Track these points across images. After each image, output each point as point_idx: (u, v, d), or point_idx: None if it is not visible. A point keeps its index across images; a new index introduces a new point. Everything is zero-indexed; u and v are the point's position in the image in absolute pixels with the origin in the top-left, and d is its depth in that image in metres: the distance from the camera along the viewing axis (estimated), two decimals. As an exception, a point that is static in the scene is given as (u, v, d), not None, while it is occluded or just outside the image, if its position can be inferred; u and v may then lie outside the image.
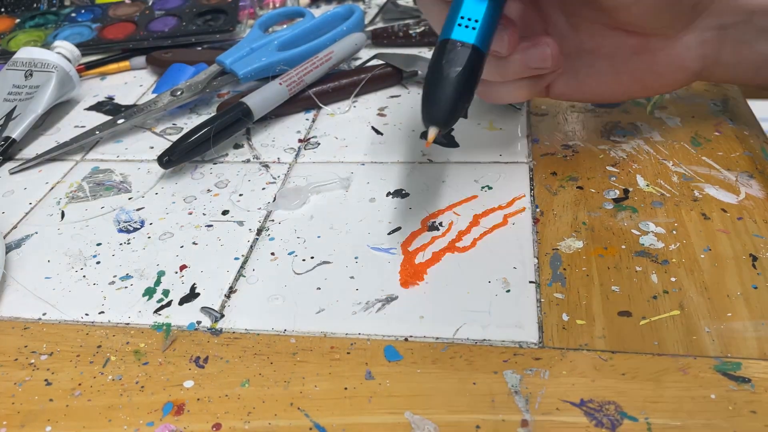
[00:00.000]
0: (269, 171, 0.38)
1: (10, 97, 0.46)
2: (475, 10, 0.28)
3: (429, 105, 0.27)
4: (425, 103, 0.28)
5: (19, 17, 0.65)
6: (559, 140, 0.37)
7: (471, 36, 0.28)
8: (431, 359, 0.25)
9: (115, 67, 0.55)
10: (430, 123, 0.27)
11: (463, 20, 0.28)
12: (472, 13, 0.28)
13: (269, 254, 0.31)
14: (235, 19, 0.59)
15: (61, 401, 0.25)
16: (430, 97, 0.27)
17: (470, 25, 0.28)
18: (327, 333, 0.27)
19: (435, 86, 0.27)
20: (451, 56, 0.27)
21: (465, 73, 0.27)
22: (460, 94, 0.27)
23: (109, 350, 0.27)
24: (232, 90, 0.49)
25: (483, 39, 0.28)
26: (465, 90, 0.27)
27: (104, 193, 0.38)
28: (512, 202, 0.33)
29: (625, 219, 0.31)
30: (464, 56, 0.27)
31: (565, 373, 0.24)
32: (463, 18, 0.28)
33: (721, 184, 0.32)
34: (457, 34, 0.28)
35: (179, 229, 0.34)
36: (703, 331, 0.25)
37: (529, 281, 0.28)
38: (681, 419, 0.22)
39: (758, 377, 0.23)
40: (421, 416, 0.23)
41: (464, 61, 0.27)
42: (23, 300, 0.30)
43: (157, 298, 0.30)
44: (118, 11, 0.64)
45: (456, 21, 0.28)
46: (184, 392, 0.25)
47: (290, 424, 0.23)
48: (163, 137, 0.44)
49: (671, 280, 0.27)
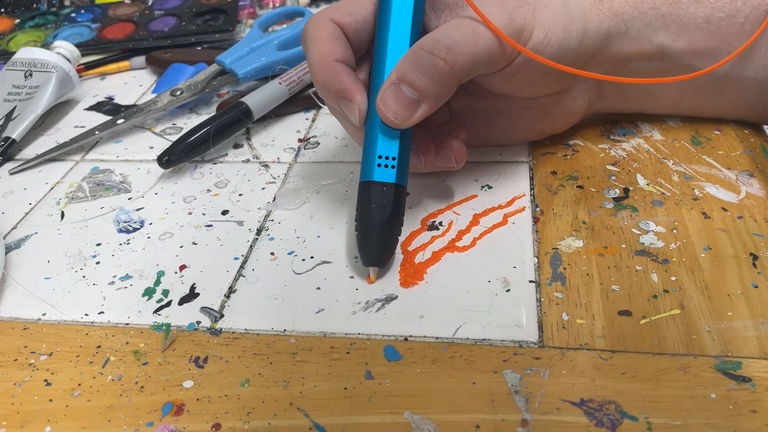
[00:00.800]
0: (269, 171, 0.38)
1: (10, 98, 0.46)
2: (390, 148, 0.29)
3: (367, 250, 0.29)
4: (362, 248, 0.29)
5: (18, 17, 0.65)
6: (559, 139, 0.37)
7: (392, 175, 0.29)
8: (431, 359, 0.25)
9: (115, 67, 0.55)
10: (370, 265, 0.29)
11: (381, 159, 0.29)
12: (389, 151, 0.29)
13: (269, 254, 0.31)
14: (234, 19, 0.59)
15: (60, 401, 0.25)
16: (366, 242, 0.29)
17: (389, 163, 0.29)
18: (327, 333, 0.27)
19: (368, 231, 0.29)
20: (377, 200, 0.29)
21: (393, 215, 0.29)
22: (391, 234, 0.29)
23: (108, 350, 0.27)
24: (231, 90, 0.49)
25: (402, 174, 0.29)
26: (395, 228, 0.29)
27: (104, 193, 0.38)
28: (512, 201, 0.33)
29: (625, 218, 0.31)
30: (389, 198, 0.29)
31: (565, 373, 0.24)
32: (381, 157, 0.29)
33: (721, 182, 0.32)
34: (378, 175, 0.29)
35: (179, 229, 0.34)
36: (703, 331, 0.25)
37: (529, 280, 0.28)
38: (681, 418, 0.22)
39: (758, 376, 0.23)
40: (421, 416, 0.23)
41: (391, 204, 0.29)
42: (23, 300, 0.30)
43: (156, 298, 0.30)
44: (117, 11, 0.64)
45: (375, 162, 0.29)
46: (183, 392, 0.25)
47: (290, 424, 0.23)
48: (162, 137, 0.44)
49: (671, 279, 0.27)
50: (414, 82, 0.28)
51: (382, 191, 0.29)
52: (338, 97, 0.30)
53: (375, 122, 0.29)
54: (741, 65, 0.33)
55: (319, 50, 0.30)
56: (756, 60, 0.33)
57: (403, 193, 0.30)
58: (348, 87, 0.29)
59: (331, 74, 0.29)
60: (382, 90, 0.28)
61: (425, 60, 0.27)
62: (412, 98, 0.28)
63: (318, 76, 0.30)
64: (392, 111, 0.28)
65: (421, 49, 0.28)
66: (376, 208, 0.29)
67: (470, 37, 0.28)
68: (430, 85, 0.28)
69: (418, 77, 0.28)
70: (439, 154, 0.32)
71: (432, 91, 0.28)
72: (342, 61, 0.30)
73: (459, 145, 0.32)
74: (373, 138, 0.29)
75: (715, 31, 0.32)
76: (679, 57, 0.33)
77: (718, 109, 0.36)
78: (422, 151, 0.31)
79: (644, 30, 0.32)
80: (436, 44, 0.27)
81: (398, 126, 0.29)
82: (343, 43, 0.30)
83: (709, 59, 0.33)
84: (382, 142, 0.29)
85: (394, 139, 0.29)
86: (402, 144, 0.29)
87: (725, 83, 0.34)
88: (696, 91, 0.35)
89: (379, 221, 0.28)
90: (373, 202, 0.29)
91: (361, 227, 0.29)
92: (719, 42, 0.32)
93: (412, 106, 0.28)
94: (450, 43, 0.27)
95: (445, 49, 0.27)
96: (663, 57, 0.33)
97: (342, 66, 0.30)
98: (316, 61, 0.30)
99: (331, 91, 0.30)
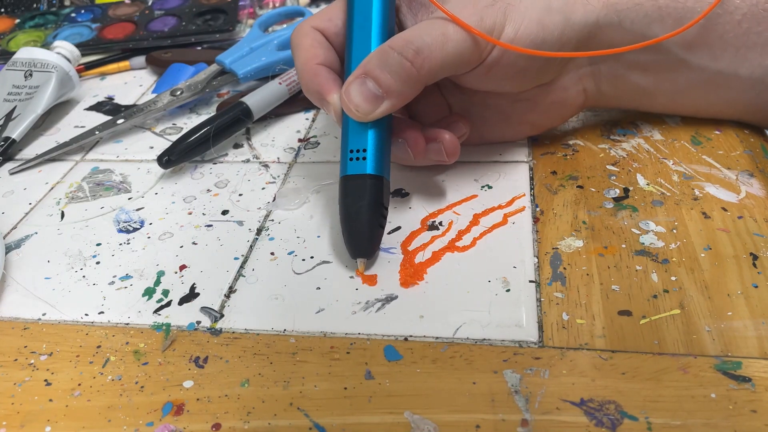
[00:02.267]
0: (269, 171, 0.38)
1: (10, 98, 0.46)
2: (360, 141, 0.30)
3: (350, 243, 0.29)
4: (346, 241, 0.30)
5: (19, 17, 0.65)
6: (559, 139, 0.37)
7: (363, 167, 0.29)
8: (431, 359, 0.25)
9: (115, 67, 0.56)
10: (355, 257, 0.30)
11: (353, 153, 0.30)
12: (359, 144, 0.30)
13: (269, 254, 0.31)
14: (234, 19, 0.59)
15: (60, 401, 0.25)
16: (349, 235, 0.29)
17: (360, 156, 0.30)
18: (327, 333, 0.27)
19: (347, 223, 0.29)
20: (352, 193, 0.29)
21: (370, 206, 0.29)
22: (372, 226, 0.29)
23: (108, 350, 0.27)
24: (231, 90, 0.49)
25: (376, 165, 0.30)
26: (376, 218, 0.29)
27: (104, 193, 0.38)
28: (512, 201, 0.33)
29: (625, 218, 0.31)
30: (363, 189, 0.29)
31: (565, 373, 0.24)
32: (352, 151, 0.30)
33: (721, 182, 0.32)
34: (351, 168, 0.30)
35: (179, 229, 0.34)
36: (703, 330, 0.25)
37: (529, 280, 0.28)
38: (681, 418, 0.22)
39: (758, 376, 0.23)
40: (421, 416, 0.23)
41: (366, 195, 0.29)
42: (23, 300, 0.30)
43: (156, 298, 0.30)
44: (117, 11, 0.64)
45: (347, 156, 0.30)
46: (183, 392, 0.25)
47: (290, 424, 0.23)
48: (162, 137, 0.44)
49: (671, 279, 0.27)
50: (379, 79, 0.28)
51: (356, 184, 0.29)
52: (317, 98, 0.31)
53: (346, 118, 0.30)
54: (736, 63, 0.33)
55: (302, 56, 0.32)
56: (751, 59, 0.33)
57: (379, 184, 0.30)
58: (324, 87, 0.31)
59: (312, 77, 0.31)
60: (347, 83, 0.29)
61: (393, 60, 0.28)
62: (375, 93, 0.29)
63: (302, 80, 0.32)
64: (354, 104, 0.29)
65: (391, 48, 0.29)
66: (351, 200, 0.29)
67: (439, 40, 0.28)
68: (395, 84, 0.28)
69: (384, 75, 0.28)
70: (430, 148, 0.32)
71: (396, 90, 0.29)
72: (323, 64, 0.32)
73: (451, 139, 0.32)
74: (345, 133, 0.30)
75: (712, 26, 0.32)
76: (673, 51, 0.33)
77: (714, 108, 0.36)
78: (410, 145, 0.32)
79: (638, 21, 0.32)
80: (406, 45, 0.28)
81: (361, 119, 0.29)
82: (325, 47, 0.32)
83: (704, 54, 0.33)
84: (353, 136, 0.30)
85: (365, 132, 0.30)
86: (375, 136, 0.30)
87: (720, 81, 0.34)
88: (691, 88, 0.35)
89: (356, 213, 0.29)
90: (348, 196, 0.29)
91: (343, 220, 0.30)
92: (715, 38, 0.32)
93: (374, 101, 0.29)
94: (420, 45, 0.28)
95: (414, 52, 0.28)
96: (656, 50, 0.33)
97: (322, 68, 0.31)
98: (300, 66, 0.32)
99: (312, 92, 0.32)
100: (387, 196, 0.30)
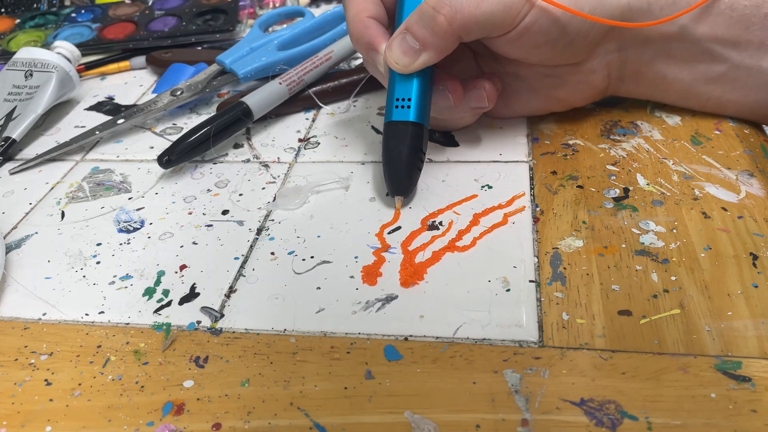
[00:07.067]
0: (269, 171, 0.38)
1: (10, 98, 0.46)
2: (405, 90, 0.33)
3: (390, 181, 0.33)
4: (386, 180, 0.33)
5: (19, 17, 0.65)
6: (559, 139, 0.37)
7: (408, 114, 0.33)
8: (431, 359, 0.25)
9: (115, 67, 0.56)
10: (394, 194, 0.33)
11: (399, 101, 0.33)
12: (405, 94, 0.33)
13: (269, 254, 0.31)
14: (234, 19, 0.59)
15: (61, 401, 0.25)
16: (390, 175, 0.33)
17: (405, 104, 0.33)
18: (327, 332, 0.27)
19: (389, 164, 0.33)
20: (396, 137, 0.33)
21: (410, 150, 0.32)
22: (411, 167, 0.33)
23: (109, 350, 0.27)
24: (231, 90, 0.49)
25: (419, 114, 0.33)
26: (414, 161, 0.33)
27: (104, 193, 0.38)
28: (512, 201, 0.33)
29: (625, 218, 0.31)
30: (407, 134, 0.33)
31: (565, 372, 0.24)
32: (398, 99, 0.33)
33: (721, 182, 0.32)
34: (396, 115, 0.33)
35: (179, 228, 0.34)
36: (703, 330, 0.25)
37: (529, 280, 0.28)
38: (681, 418, 0.22)
39: (758, 376, 0.23)
40: (421, 416, 0.23)
41: (408, 139, 0.32)
42: (23, 300, 0.30)
43: (157, 297, 0.30)
44: (118, 11, 0.64)
45: (393, 104, 0.33)
46: (184, 392, 0.25)
47: (290, 424, 0.23)
48: (163, 137, 0.44)
49: (671, 278, 0.27)
50: (416, 33, 0.31)
51: (399, 129, 0.33)
52: (367, 48, 0.34)
53: (392, 71, 0.33)
54: (760, 54, 0.34)
55: (354, 8, 0.34)
56: None
57: (421, 130, 0.33)
58: (374, 39, 0.34)
59: (362, 28, 0.34)
60: (392, 39, 0.32)
61: (428, 15, 0.31)
62: (413, 47, 0.32)
63: (352, 30, 0.34)
64: (395, 57, 0.32)
65: (428, 5, 0.31)
66: (394, 143, 0.32)
67: (475, 0, 0.31)
68: (430, 38, 0.31)
69: (420, 29, 0.31)
70: (471, 94, 0.35)
71: (432, 43, 0.31)
72: (373, 17, 0.34)
73: (491, 86, 0.35)
74: (392, 83, 0.34)
75: (738, 18, 0.33)
76: (699, 41, 0.34)
77: (726, 104, 0.36)
78: (450, 90, 0.34)
79: (667, 9, 0.33)
80: (441, 2, 0.31)
81: (402, 71, 0.32)
82: (376, 2, 0.35)
83: (729, 47, 0.34)
84: (399, 86, 0.33)
85: (410, 83, 0.33)
86: (419, 87, 0.33)
87: (741, 74, 0.34)
88: (709, 81, 0.35)
89: (398, 155, 0.32)
90: (392, 139, 0.33)
91: (385, 161, 0.33)
92: (741, 30, 0.33)
93: (412, 54, 0.32)
94: (454, 2, 0.31)
95: (448, 6, 0.30)
96: (683, 39, 0.34)
97: (372, 21, 0.34)
98: (351, 17, 0.34)
99: (361, 43, 0.34)
100: (426, 142, 0.33)
